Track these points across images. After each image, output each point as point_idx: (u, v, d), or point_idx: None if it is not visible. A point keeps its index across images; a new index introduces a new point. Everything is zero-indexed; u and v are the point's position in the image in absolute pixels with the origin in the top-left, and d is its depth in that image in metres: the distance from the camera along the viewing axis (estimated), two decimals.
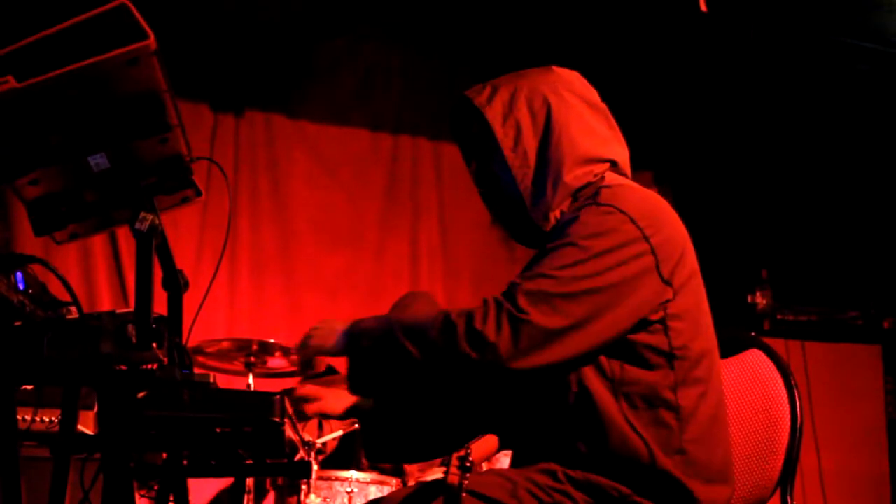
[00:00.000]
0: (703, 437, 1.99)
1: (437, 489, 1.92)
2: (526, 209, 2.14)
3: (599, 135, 2.18)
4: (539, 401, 2.04)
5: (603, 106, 2.23)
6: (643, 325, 1.98)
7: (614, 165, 2.17)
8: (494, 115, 2.16)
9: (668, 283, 2.00)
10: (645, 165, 5.66)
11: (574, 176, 2.12)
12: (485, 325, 1.91)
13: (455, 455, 1.89)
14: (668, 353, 1.98)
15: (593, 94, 2.23)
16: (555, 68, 2.26)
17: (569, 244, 1.99)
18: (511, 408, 2.13)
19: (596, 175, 2.13)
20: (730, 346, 2.43)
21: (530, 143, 2.14)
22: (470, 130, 2.25)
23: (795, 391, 2.35)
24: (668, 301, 2.00)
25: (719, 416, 2.07)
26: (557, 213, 2.13)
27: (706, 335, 2.08)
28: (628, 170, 2.22)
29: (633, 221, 2.00)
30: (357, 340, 2.05)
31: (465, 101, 2.24)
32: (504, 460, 3.65)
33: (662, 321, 1.99)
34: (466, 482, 1.87)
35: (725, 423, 2.12)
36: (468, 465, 1.87)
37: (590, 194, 2.08)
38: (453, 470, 1.87)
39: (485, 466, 3.72)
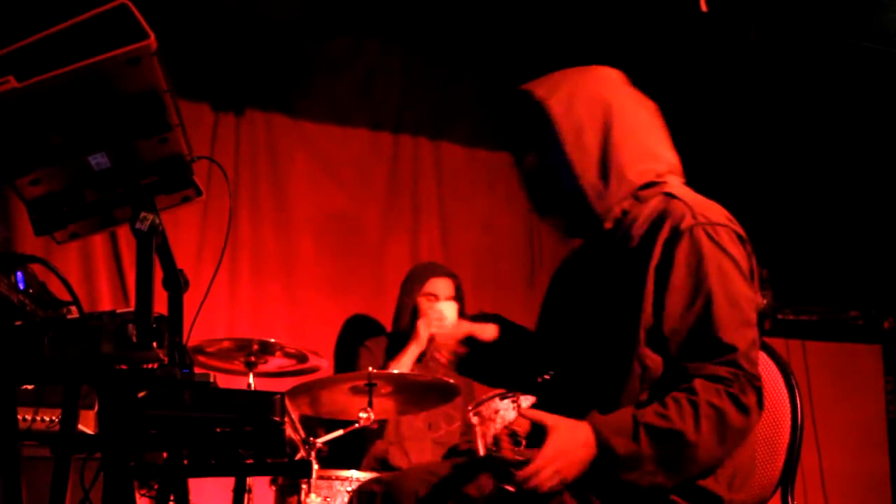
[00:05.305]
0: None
1: (487, 463, 1.92)
2: (585, 203, 2.13)
3: (657, 135, 2.21)
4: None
5: (652, 104, 2.25)
6: None
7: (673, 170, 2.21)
8: (557, 108, 2.16)
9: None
10: None
11: (637, 172, 2.13)
12: (747, 398, 1.96)
13: (505, 429, 1.90)
14: None
15: (642, 95, 2.25)
16: (604, 67, 2.27)
17: (733, 273, 2.05)
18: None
19: (658, 175, 2.15)
20: None
21: (591, 138, 2.14)
22: (522, 124, 2.24)
23: (796, 391, 2.35)
24: None
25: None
26: (618, 210, 2.14)
27: None
28: (681, 175, 2.26)
29: (737, 235, 2.11)
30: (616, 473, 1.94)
31: (521, 95, 2.22)
32: None
33: None
34: (520, 458, 1.89)
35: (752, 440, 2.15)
36: (521, 440, 1.88)
37: (669, 204, 2.11)
38: (506, 445, 1.88)
39: None
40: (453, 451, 4.15)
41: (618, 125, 2.14)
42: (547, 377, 2.18)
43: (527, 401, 3.56)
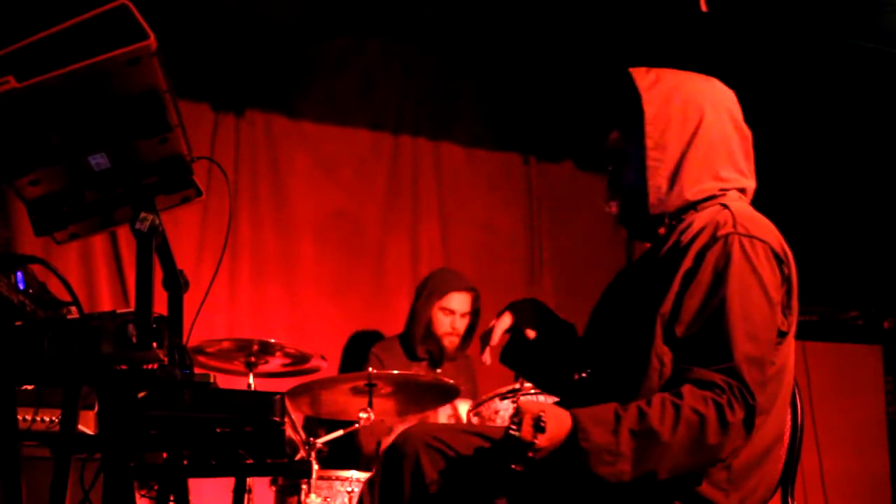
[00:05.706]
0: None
1: (507, 442, 1.93)
2: (644, 200, 2.16)
3: (735, 161, 2.22)
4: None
5: (748, 133, 2.25)
6: None
7: (741, 192, 2.22)
8: (650, 103, 2.18)
9: (786, 315, 2.11)
10: None
11: (696, 190, 2.15)
12: (733, 414, 1.94)
13: (531, 415, 1.91)
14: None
15: (741, 121, 2.26)
16: (717, 81, 2.29)
17: (755, 288, 2.03)
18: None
19: (721, 191, 2.17)
20: None
21: (673, 143, 2.16)
22: (618, 102, 2.26)
23: (796, 391, 2.35)
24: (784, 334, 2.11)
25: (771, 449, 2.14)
26: (673, 219, 2.18)
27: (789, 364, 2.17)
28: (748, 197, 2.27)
29: (774, 254, 2.09)
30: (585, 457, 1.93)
31: (626, 78, 2.24)
32: None
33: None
34: (537, 442, 1.89)
35: (776, 459, 2.17)
36: (542, 425, 1.89)
37: (718, 214, 2.11)
38: (527, 428, 1.90)
39: None
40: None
41: (702, 138, 2.16)
42: (584, 375, 2.19)
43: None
